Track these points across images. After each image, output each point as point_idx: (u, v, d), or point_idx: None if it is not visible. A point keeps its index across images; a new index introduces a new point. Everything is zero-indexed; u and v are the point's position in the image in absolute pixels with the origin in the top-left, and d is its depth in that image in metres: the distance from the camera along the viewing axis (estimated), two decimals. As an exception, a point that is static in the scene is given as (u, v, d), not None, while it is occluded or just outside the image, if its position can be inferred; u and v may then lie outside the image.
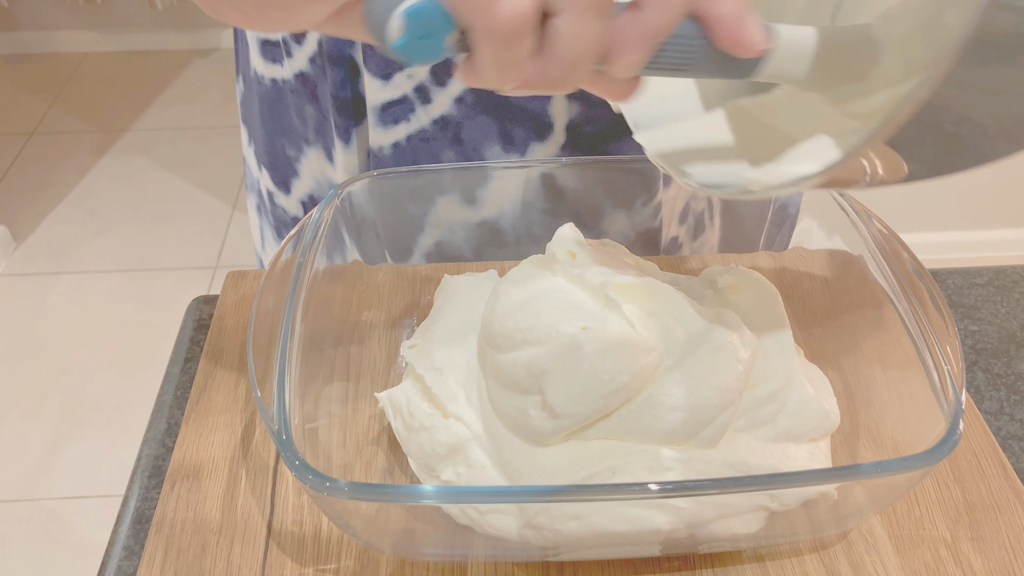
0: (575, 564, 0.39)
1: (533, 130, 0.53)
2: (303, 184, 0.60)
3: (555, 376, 0.35)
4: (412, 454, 0.39)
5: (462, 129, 0.53)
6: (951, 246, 1.79)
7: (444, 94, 0.51)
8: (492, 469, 0.38)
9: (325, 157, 0.58)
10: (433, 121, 0.52)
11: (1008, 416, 0.47)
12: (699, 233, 0.61)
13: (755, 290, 0.43)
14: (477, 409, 0.39)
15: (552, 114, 0.52)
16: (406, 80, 0.51)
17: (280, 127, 0.59)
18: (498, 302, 0.39)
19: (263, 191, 0.64)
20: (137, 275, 1.80)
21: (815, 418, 0.38)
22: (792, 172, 0.29)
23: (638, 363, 0.35)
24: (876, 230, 0.42)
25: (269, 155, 0.61)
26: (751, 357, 0.37)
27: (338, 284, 0.46)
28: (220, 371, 0.47)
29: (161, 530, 0.39)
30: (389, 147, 0.54)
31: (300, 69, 0.55)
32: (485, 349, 0.39)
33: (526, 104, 0.51)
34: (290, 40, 0.54)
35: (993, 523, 0.40)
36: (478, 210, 0.54)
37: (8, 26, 2.48)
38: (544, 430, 0.36)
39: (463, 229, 0.55)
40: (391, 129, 0.53)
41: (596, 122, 0.53)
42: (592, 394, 0.35)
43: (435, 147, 0.53)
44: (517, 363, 0.36)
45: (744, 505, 0.34)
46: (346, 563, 0.38)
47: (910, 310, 0.38)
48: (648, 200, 0.55)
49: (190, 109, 2.32)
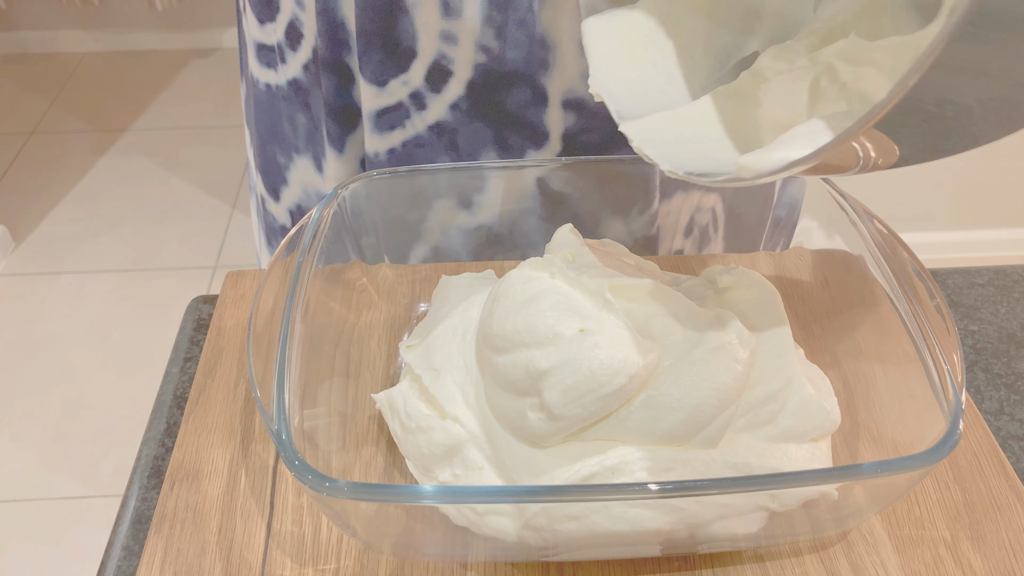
0: (575, 564, 0.39)
1: (529, 139, 0.52)
2: (292, 192, 0.60)
3: (553, 378, 0.35)
4: (409, 455, 0.39)
5: (457, 135, 0.52)
6: (951, 246, 1.79)
7: (439, 100, 0.51)
8: (490, 471, 0.37)
9: (314, 167, 0.58)
10: (428, 127, 0.52)
11: (1008, 416, 0.47)
12: (704, 245, 0.61)
13: (755, 290, 0.43)
14: (475, 410, 0.39)
15: (548, 123, 0.52)
16: (401, 87, 0.51)
17: (272, 133, 0.58)
18: (496, 304, 0.39)
19: (259, 195, 0.64)
20: (137, 275, 1.80)
21: (816, 418, 0.38)
22: (783, 157, 0.29)
23: (636, 365, 0.35)
24: (876, 230, 0.42)
25: (262, 160, 0.61)
26: (750, 357, 0.37)
27: (338, 284, 0.46)
28: (219, 371, 0.47)
29: (160, 530, 0.39)
30: (385, 153, 0.53)
31: (293, 76, 0.54)
32: (483, 351, 0.39)
33: (522, 113, 0.51)
34: (285, 46, 0.53)
35: (993, 523, 0.40)
36: (475, 215, 0.54)
37: (7, 26, 2.48)
38: (542, 432, 0.36)
39: (460, 233, 0.55)
40: (386, 135, 0.53)
41: (592, 132, 0.52)
42: (590, 396, 0.35)
43: (431, 153, 0.53)
44: (515, 365, 0.36)
45: (745, 505, 0.34)
46: (346, 563, 0.38)
47: (910, 310, 0.38)
48: (644, 208, 0.55)
49: (190, 109, 2.32)
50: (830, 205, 0.45)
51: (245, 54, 0.58)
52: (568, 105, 0.51)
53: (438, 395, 0.39)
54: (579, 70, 0.50)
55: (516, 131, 0.52)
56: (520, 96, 0.51)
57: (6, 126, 2.22)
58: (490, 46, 0.48)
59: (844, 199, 0.44)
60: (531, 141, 0.53)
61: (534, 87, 0.50)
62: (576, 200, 0.52)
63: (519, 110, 0.51)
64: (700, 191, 0.58)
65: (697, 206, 0.59)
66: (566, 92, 0.50)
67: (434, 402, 0.39)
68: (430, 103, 0.51)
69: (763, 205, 0.53)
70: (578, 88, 0.50)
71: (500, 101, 0.51)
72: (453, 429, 0.38)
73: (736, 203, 0.60)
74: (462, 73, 0.50)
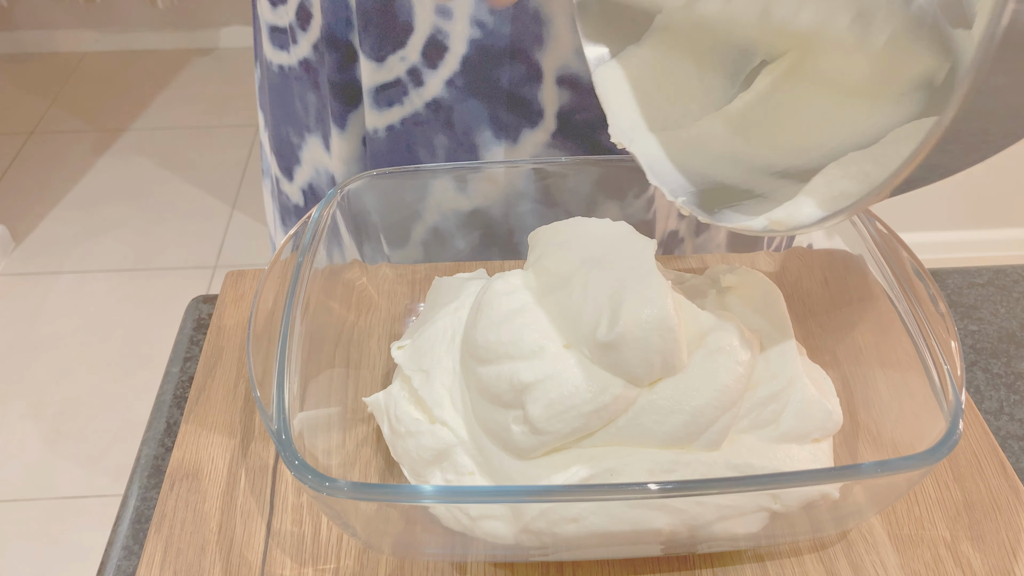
0: (575, 564, 0.39)
1: (524, 116, 0.53)
2: (304, 172, 0.61)
3: (537, 391, 0.35)
4: (400, 459, 0.39)
5: (453, 113, 0.53)
6: (951, 246, 1.79)
7: (435, 77, 0.52)
8: (480, 476, 0.37)
9: (323, 146, 0.59)
10: (426, 104, 0.53)
11: (1008, 416, 0.47)
12: (702, 229, 0.61)
13: (758, 289, 0.43)
14: (463, 414, 0.38)
15: (542, 100, 0.52)
16: (399, 62, 0.51)
17: (285, 114, 0.60)
18: (480, 314, 0.38)
19: (273, 177, 0.65)
20: (136, 275, 1.80)
21: (818, 418, 0.38)
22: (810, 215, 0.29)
23: (621, 385, 0.35)
24: (876, 230, 0.42)
25: (276, 141, 0.62)
26: (751, 359, 0.37)
27: (338, 284, 0.46)
28: (219, 371, 0.47)
29: (160, 530, 0.39)
30: (384, 130, 0.54)
31: (304, 56, 0.55)
32: (467, 361, 0.39)
33: (516, 89, 0.52)
34: (296, 26, 0.55)
35: (993, 523, 0.40)
36: (471, 200, 0.54)
37: (7, 25, 2.48)
38: (525, 445, 0.36)
39: (455, 217, 0.55)
40: (385, 112, 0.54)
41: (587, 111, 0.53)
42: (573, 412, 0.35)
43: (428, 131, 0.54)
44: (499, 376, 0.36)
45: (747, 506, 0.34)
46: (346, 563, 0.38)
47: (910, 310, 0.38)
48: (640, 192, 0.55)
49: (190, 109, 2.32)
50: (830, 205, 0.45)
51: (259, 38, 0.60)
52: (563, 82, 0.51)
53: (427, 397, 0.38)
54: (573, 45, 0.50)
55: (511, 108, 0.53)
56: (515, 72, 0.51)
57: (6, 126, 2.22)
58: (484, 20, 0.49)
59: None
60: (526, 119, 0.53)
61: (528, 63, 0.51)
62: (571, 184, 0.53)
63: (514, 87, 0.52)
64: None
65: None
66: (560, 68, 0.51)
67: (423, 405, 0.39)
68: (427, 79, 0.52)
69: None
70: (572, 64, 0.51)
71: (495, 78, 0.51)
72: (441, 433, 0.38)
73: None
74: (457, 48, 0.50)
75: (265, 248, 1.83)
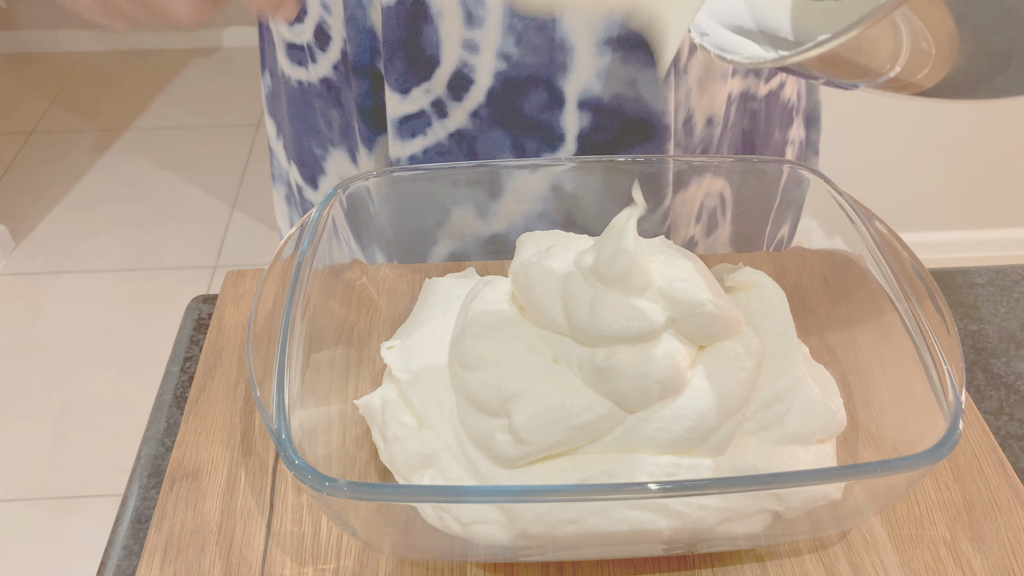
0: (575, 564, 0.39)
1: (545, 141, 0.53)
2: (330, 181, 0.61)
3: (523, 401, 0.35)
4: (389, 464, 0.39)
5: (477, 143, 0.53)
6: (951, 246, 1.79)
7: (460, 109, 0.52)
8: (469, 482, 0.37)
9: (349, 159, 0.59)
10: (449, 135, 0.53)
11: (1008, 416, 0.47)
12: (712, 230, 0.61)
13: (762, 290, 0.43)
14: (449, 418, 0.38)
15: (564, 125, 0.52)
16: (424, 95, 0.52)
17: (307, 127, 0.60)
18: (469, 321, 0.38)
19: (293, 184, 0.65)
20: (136, 274, 1.80)
21: (822, 418, 0.38)
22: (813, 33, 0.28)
23: (608, 406, 0.35)
24: (876, 230, 0.42)
25: (297, 151, 0.62)
26: (757, 363, 0.37)
27: (338, 284, 0.46)
28: (219, 370, 0.47)
29: (160, 530, 0.39)
30: (407, 160, 0.55)
31: (324, 75, 0.56)
32: (455, 367, 0.38)
33: (538, 116, 0.52)
34: (314, 46, 0.55)
35: (993, 523, 0.40)
36: (483, 217, 0.54)
37: (7, 25, 2.48)
38: (508, 455, 0.35)
39: (463, 234, 0.55)
40: (408, 142, 0.54)
41: (606, 131, 0.53)
42: (558, 424, 0.35)
43: (451, 160, 0.54)
44: (486, 384, 0.36)
45: (750, 508, 0.34)
46: (345, 563, 0.38)
47: (910, 310, 0.38)
48: (656, 207, 0.55)
49: (190, 109, 2.32)
50: (830, 205, 0.45)
51: (272, 50, 0.60)
52: (584, 105, 0.52)
53: (414, 400, 0.38)
54: (595, 69, 0.50)
55: (532, 135, 0.53)
56: (537, 99, 0.51)
57: (6, 126, 2.22)
58: (510, 53, 0.49)
59: (844, 198, 0.44)
60: (546, 144, 0.53)
61: (551, 89, 0.51)
62: (587, 200, 0.53)
63: (536, 113, 0.52)
64: (711, 175, 0.58)
65: (707, 192, 0.59)
66: (582, 92, 0.51)
67: (410, 407, 0.38)
68: (451, 111, 0.52)
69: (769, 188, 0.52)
70: (594, 87, 0.51)
71: (518, 106, 0.52)
72: (427, 439, 0.37)
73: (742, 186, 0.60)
74: (483, 80, 0.51)
75: (265, 248, 1.83)
